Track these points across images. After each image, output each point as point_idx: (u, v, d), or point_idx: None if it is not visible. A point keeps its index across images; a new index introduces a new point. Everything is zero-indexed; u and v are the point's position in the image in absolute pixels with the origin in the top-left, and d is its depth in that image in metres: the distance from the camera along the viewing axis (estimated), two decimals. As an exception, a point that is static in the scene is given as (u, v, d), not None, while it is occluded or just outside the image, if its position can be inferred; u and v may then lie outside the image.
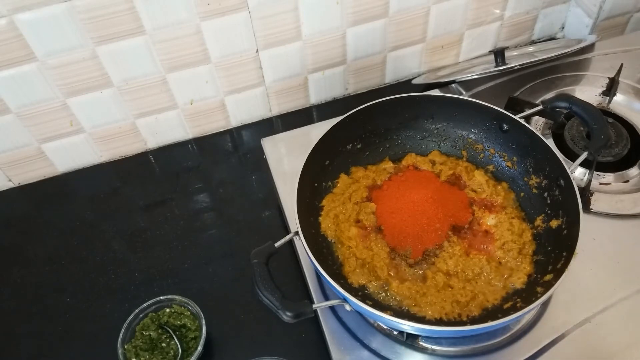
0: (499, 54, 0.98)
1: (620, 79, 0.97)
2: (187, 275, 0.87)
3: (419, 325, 0.63)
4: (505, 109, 0.81)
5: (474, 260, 0.73)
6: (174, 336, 0.76)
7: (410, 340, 0.71)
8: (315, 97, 1.10)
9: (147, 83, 0.94)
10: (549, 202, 0.76)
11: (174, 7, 0.84)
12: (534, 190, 0.78)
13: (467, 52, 1.13)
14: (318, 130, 0.78)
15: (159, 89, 0.96)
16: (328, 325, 0.73)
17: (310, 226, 0.76)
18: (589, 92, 0.99)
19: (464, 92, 1.03)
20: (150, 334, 0.76)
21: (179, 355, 0.75)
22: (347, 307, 0.65)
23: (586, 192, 0.82)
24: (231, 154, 1.06)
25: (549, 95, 0.98)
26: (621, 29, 1.16)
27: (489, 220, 0.77)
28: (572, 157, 0.87)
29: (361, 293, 0.71)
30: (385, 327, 0.72)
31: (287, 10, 0.91)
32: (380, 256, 0.74)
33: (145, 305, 0.77)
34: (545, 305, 0.72)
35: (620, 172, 0.86)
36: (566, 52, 0.97)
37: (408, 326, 0.63)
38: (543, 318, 0.71)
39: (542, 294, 0.63)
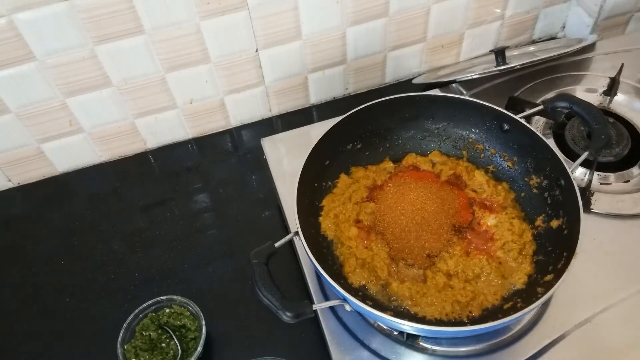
0: (499, 54, 0.98)
1: (621, 78, 0.97)
2: (187, 275, 0.87)
3: (419, 325, 0.62)
4: (505, 109, 0.81)
5: (474, 260, 0.73)
6: (174, 336, 0.76)
7: (410, 341, 0.71)
8: (315, 96, 1.10)
9: (147, 83, 0.94)
10: (549, 202, 0.76)
11: (173, 7, 0.84)
12: (535, 190, 0.78)
13: (467, 52, 1.13)
14: (318, 130, 0.78)
15: (158, 89, 0.96)
16: (328, 326, 0.73)
17: (310, 226, 0.76)
18: (589, 91, 0.99)
19: (465, 92, 1.03)
20: (150, 334, 0.76)
21: (179, 355, 0.75)
22: (347, 307, 0.65)
23: (587, 192, 0.82)
24: (231, 153, 1.06)
25: (550, 95, 0.98)
26: (622, 28, 1.16)
27: (489, 220, 0.77)
28: (573, 157, 0.86)
29: (361, 293, 0.71)
30: (385, 328, 0.72)
31: (287, 9, 0.91)
32: (380, 256, 0.74)
33: (144, 305, 0.77)
34: (545, 305, 0.72)
35: (621, 172, 0.86)
36: (567, 52, 0.96)
37: (408, 326, 0.63)
38: (543, 318, 0.71)
39: (543, 294, 0.63)
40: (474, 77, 0.95)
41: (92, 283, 0.88)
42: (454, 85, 1.05)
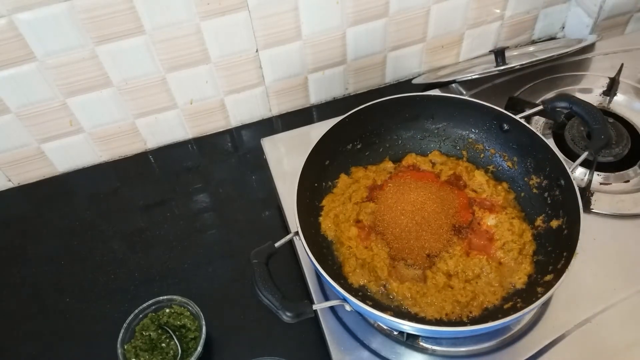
0: (499, 54, 0.98)
1: (620, 78, 0.97)
2: (187, 275, 0.87)
3: (419, 325, 0.62)
4: (505, 109, 0.81)
5: (474, 260, 0.73)
6: (174, 336, 0.76)
7: (410, 341, 0.71)
8: (315, 97, 1.10)
9: (147, 83, 0.94)
10: (549, 202, 0.76)
11: (173, 7, 0.84)
12: (535, 190, 0.78)
13: (467, 52, 1.13)
14: (318, 130, 0.78)
15: (158, 89, 0.96)
16: (328, 326, 0.73)
17: (310, 226, 0.76)
18: (589, 92, 0.99)
19: (464, 92, 1.03)
20: (150, 334, 0.76)
21: (179, 355, 0.75)
22: (347, 307, 0.65)
23: (586, 192, 0.82)
24: (231, 154, 1.06)
25: (549, 95, 0.98)
26: (621, 28, 1.16)
27: (489, 220, 0.77)
28: (573, 157, 0.86)
29: (361, 293, 0.71)
30: (385, 327, 0.72)
31: (287, 10, 0.91)
32: (380, 256, 0.74)
33: (144, 305, 0.77)
34: (545, 305, 0.72)
35: (621, 172, 0.86)
36: (566, 52, 0.96)
37: (408, 326, 0.63)
38: (543, 318, 0.71)
39: (543, 294, 0.63)
40: (473, 77, 0.95)
41: (92, 283, 0.88)
42: (453, 85, 1.05)
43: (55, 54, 0.84)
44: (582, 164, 0.79)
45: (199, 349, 0.73)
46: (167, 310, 0.78)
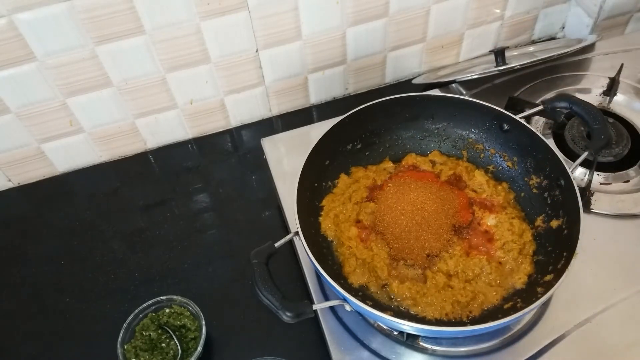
0: (499, 54, 0.98)
1: (620, 78, 0.97)
2: (187, 275, 0.87)
3: (419, 325, 0.62)
4: (505, 109, 0.81)
5: (474, 260, 0.73)
6: (174, 336, 0.76)
7: (410, 341, 0.71)
8: (315, 97, 1.10)
9: (147, 83, 0.94)
10: (549, 202, 0.76)
11: (173, 7, 0.84)
12: (535, 190, 0.78)
13: (467, 52, 1.13)
14: (318, 130, 0.78)
15: (158, 89, 0.96)
16: (328, 326, 0.73)
17: (310, 226, 0.76)
18: (589, 92, 0.99)
19: (464, 92, 1.03)
20: (150, 334, 0.76)
21: (179, 355, 0.75)
22: (347, 307, 0.65)
23: (586, 192, 0.82)
24: (231, 154, 1.06)
25: (549, 95, 0.98)
26: (621, 28, 1.16)
27: (489, 220, 0.77)
28: (573, 157, 0.86)
29: (361, 293, 0.71)
30: (385, 327, 0.72)
31: (287, 10, 0.91)
32: (380, 256, 0.74)
33: (144, 305, 0.77)
34: (545, 305, 0.72)
35: (621, 172, 0.86)
36: (566, 52, 0.96)
37: (408, 326, 0.63)
38: (543, 318, 0.71)
39: (543, 294, 0.63)
40: (473, 77, 0.95)
41: (92, 283, 0.88)
42: (453, 85, 1.05)
43: (55, 54, 0.84)
44: (582, 164, 0.79)
45: (199, 349, 0.73)
46: (167, 310, 0.78)
